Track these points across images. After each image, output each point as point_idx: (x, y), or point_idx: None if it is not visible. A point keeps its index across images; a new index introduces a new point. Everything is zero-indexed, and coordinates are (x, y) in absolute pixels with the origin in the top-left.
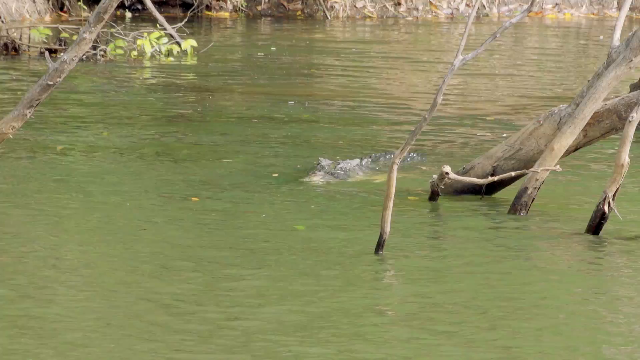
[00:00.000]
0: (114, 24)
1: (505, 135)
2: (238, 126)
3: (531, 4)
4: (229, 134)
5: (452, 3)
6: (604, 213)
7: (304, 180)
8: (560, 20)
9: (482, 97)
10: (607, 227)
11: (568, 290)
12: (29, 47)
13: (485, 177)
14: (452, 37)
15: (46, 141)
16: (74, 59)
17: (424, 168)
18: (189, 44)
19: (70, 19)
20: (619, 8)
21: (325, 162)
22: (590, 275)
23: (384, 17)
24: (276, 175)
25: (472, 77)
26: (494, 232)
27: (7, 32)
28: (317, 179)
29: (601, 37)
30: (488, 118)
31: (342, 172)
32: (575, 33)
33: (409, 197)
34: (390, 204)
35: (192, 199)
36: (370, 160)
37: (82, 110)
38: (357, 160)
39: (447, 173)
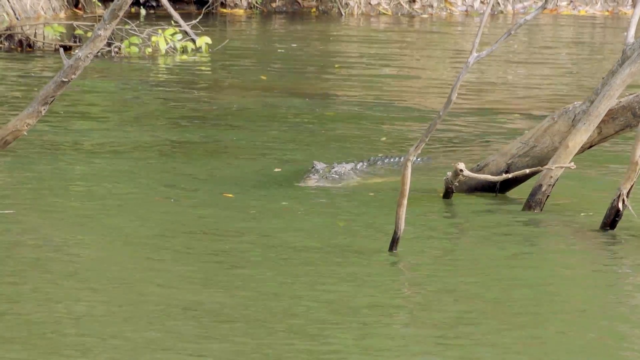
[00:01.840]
0: (128, 21)
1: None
2: (254, 124)
3: (546, 1)
4: (245, 131)
5: (466, 0)
6: (618, 210)
7: (299, 184)
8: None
9: (497, 93)
10: (621, 223)
11: (583, 286)
12: (43, 43)
13: (499, 174)
14: (466, 34)
15: (59, 138)
16: (89, 55)
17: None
18: (203, 40)
19: (85, 15)
20: (634, 5)
21: (319, 165)
22: (605, 272)
23: (399, 14)
24: (278, 169)
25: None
26: (509, 229)
27: (22, 29)
28: (311, 183)
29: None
30: (502, 114)
31: (337, 176)
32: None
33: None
34: (405, 202)
35: (225, 194)
36: (366, 164)
37: (95, 107)
38: (351, 164)
39: (461, 170)
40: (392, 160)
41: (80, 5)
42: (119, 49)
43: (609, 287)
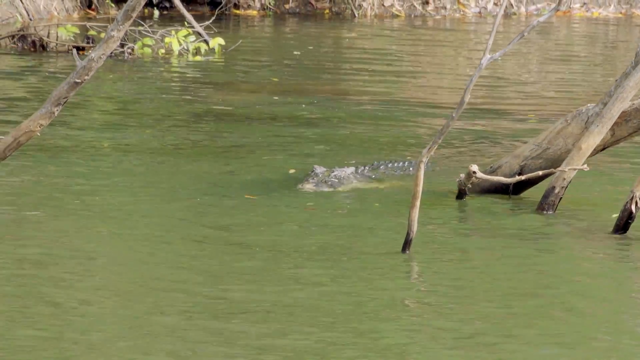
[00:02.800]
0: (141, 22)
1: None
2: (267, 124)
3: (559, 3)
4: (258, 132)
5: (480, 2)
6: (631, 212)
7: (296, 188)
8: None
9: (512, 94)
10: (634, 225)
11: (596, 288)
12: (56, 44)
13: (512, 176)
14: (479, 35)
15: (71, 140)
16: (102, 56)
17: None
18: (216, 42)
19: (98, 16)
20: None
21: (319, 169)
22: (618, 274)
23: (412, 15)
24: (293, 171)
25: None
26: (521, 231)
27: (35, 30)
28: (310, 186)
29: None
30: (518, 116)
31: (336, 180)
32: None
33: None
34: (417, 203)
35: (247, 196)
36: (367, 168)
37: (108, 109)
38: (352, 169)
39: (474, 172)
40: (394, 165)
41: (93, 6)
42: (132, 50)
43: (621, 289)
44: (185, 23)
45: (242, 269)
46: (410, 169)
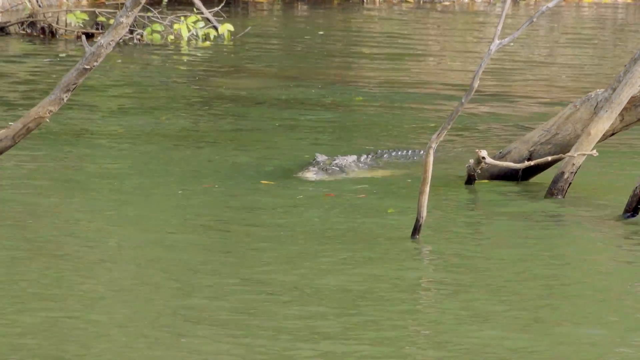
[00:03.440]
0: (150, 8)
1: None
2: (279, 110)
3: None
4: (270, 119)
5: None
6: None
7: (297, 175)
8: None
9: (521, 80)
10: None
11: (604, 273)
12: (65, 31)
13: (521, 161)
14: (488, 21)
15: (81, 126)
16: (111, 43)
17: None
18: (225, 28)
19: (107, 2)
20: None
21: (320, 157)
22: (627, 258)
23: (421, 1)
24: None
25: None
26: (531, 216)
27: (45, 16)
28: (310, 175)
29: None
30: (523, 100)
31: (337, 169)
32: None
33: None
34: (427, 189)
35: (263, 182)
36: (370, 157)
37: (117, 94)
38: (354, 157)
39: (483, 157)
40: (397, 153)
41: None
42: (141, 36)
43: (631, 273)
44: (194, 9)
45: (264, 251)
46: (415, 157)
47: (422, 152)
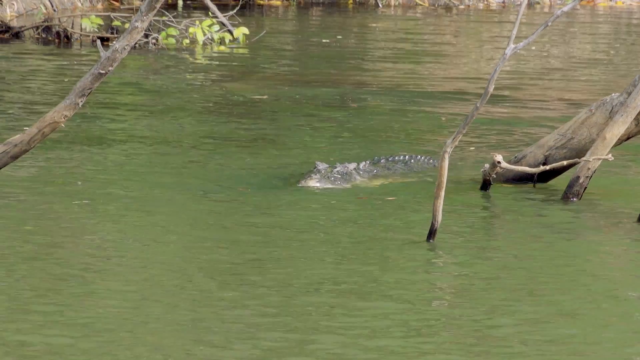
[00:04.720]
0: (166, 12)
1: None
2: (294, 115)
3: None
4: (284, 124)
5: None
6: None
7: (299, 184)
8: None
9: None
10: None
11: (620, 277)
12: (80, 35)
13: (537, 166)
14: (503, 25)
15: (96, 131)
16: (126, 47)
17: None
18: (240, 31)
19: (122, 7)
20: None
21: (321, 165)
22: None
23: (436, 5)
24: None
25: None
26: (546, 220)
27: (59, 21)
28: (312, 183)
29: None
30: (540, 105)
31: (339, 176)
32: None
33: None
34: (442, 193)
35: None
36: (368, 163)
37: (133, 99)
38: (354, 164)
39: (499, 162)
40: (398, 159)
41: None
42: (157, 40)
43: None
44: (209, 13)
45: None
46: (420, 163)
47: (420, 157)
